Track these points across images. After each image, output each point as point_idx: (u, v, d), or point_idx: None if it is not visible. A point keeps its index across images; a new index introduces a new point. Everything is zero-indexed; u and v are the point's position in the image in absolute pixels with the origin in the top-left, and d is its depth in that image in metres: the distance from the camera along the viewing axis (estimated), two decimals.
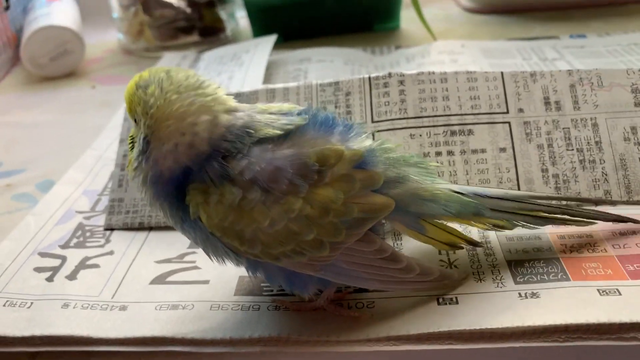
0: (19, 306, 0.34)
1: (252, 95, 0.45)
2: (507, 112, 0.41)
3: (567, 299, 0.31)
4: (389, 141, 0.33)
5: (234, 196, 0.28)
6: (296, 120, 0.30)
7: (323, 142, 0.30)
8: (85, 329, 0.32)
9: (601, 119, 0.40)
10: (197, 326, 0.32)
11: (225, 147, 0.29)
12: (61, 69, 0.75)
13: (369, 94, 0.42)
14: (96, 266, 0.38)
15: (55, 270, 0.37)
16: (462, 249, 0.35)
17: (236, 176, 0.29)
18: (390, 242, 0.37)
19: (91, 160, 0.51)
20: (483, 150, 0.40)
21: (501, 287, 0.32)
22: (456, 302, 0.32)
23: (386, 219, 0.32)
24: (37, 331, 0.32)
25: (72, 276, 0.37)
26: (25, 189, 0.49)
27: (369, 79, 0.43)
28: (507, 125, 0.41)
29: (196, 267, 0.37)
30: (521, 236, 0.36)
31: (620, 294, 0.31)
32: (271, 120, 0.30)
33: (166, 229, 0.41)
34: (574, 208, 0.35)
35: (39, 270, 0.37)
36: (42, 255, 0.39)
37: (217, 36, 0.82)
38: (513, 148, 0.40)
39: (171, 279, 0.36)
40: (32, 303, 0.34)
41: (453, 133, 0.40)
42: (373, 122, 0.41)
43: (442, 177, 0.39)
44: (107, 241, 0.40)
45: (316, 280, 0.31)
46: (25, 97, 0.71)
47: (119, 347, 0.31)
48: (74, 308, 0.34)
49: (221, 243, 0.30)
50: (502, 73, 0.42)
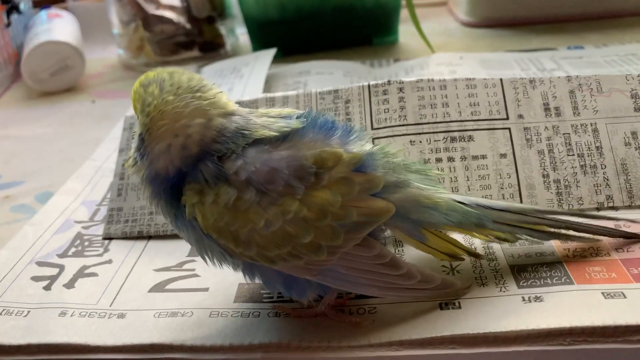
0: (15, 315, 0.34)
1: (252, 104, 0.45)
2: (507, 118, 0.41)
3: (571, 303, 0.30)
4: (389, 146, 0.33)
5: (228, 196, 0.28)
6: (294, 123, 0.30)
7: (322, 145, 0.30)
8: (83, 336, 0.32)
9: (601, 124, 0.40)
10: (197, 333, 0.31)
11: (216, 149, 0.29)
12: (61, 84, 0.76)
13: (368, 101, 0.42)
14: (94, 275, 0.37)
15: (53, 279, 0.37)
16: (462, 260, 0.34)
17: (231, 176, 0.28)
18: (390, 249, 0.37)
19: (90, 170, 0.51)
20: (484, 156, 0.40)
21: (504, 292, 0.32)
22: (459, 307, 0.31)
23: (386, 225, 0.31)
24: (33, 339, 0.32)
25: (69, 285, 0.36)
26: (23, 201, 0.49)
27: (368, 86, 0.43)
28: (507, 131, 0.40)
29: (195, 275, 0.37)
30: (523, 242, 0.36)
31: (625, 297, 0.30)
32: (268, 123, 0.30)
33: (165, 237, 0.41)
34: (579, 224, 0.34)
35: (36, 279, 0.37)
36: (40, 264, 0.38)
37: (217, 51, 0.83)
38: (514, 154, 0.40)
39: (170, 286, 0.36)
40: (28, 312, 0.34)
41: (453, 139, 0.40)
42: (373, 129, 0.41)
43: (443, 183, 0.39)
44: (106, 250, 0.40)
45: (315, 286, 0.31)
46: (25, 111, 0.71)
47: (117, 354, 0.31)
48: (71, 316, 0.33)
49: (217, 245, 0.30)
50: (501, 80, 0.42)
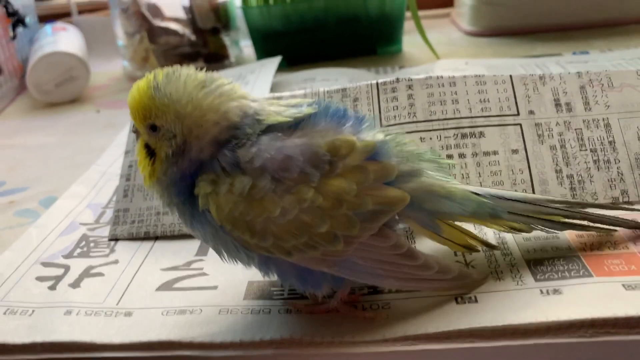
0: (20, 314, 0.33)
1: None
2: (517, 114, 0.40)
3: (591, 295, 0.30)
4: (402, 135, 0.32)
5: (243, 185, 0.28)
6: (305, 110, 0.30)
7: (334, 133, 0.29)
8: (88, 334, 0.31)
9: (614, 119, 0.40)
10: (206, 330, 0.31)
11: (236, 135, 0.29)
12: (66, 95, 0.76)
13: (377, 99, 0.42)
14: (100, 274, 0.36)
15: (58, 279, 0.36)
16: (478, 251, 0.34)
17: (245, 164, 0.28)
18: None
19: (95, 175, 0.51)
20: (495, 152, 0.39)
21: (521, 285, 0.31)
22: (475, 301, 0.30)
23: (400, 215, 0.31)
24: (38, 338, 0.31)
25: (75, 284, 0.36)
26: (28, 205, 0.49)
27: (377, 84, 0.42)
28: (518, 127, 0.40)
29: (204, 274, 0.36)
30: (538, 236, 0.35)
31: None
32: (281, 110, 0.30)
33: (172, 238, 0.40)
34: (595, 215, 0.33)
35: (41, 279, 0.36)
36: (45, 264, 0.38)
37: (222, 62, 0.83)
38: (525, 149, 0.39)
39: (178, 285, 0.35)
40: (33, 311, 0.33)
41: (464, 136, 0.40)
42: (382, 126, 0.41)
43: (455, 178, 0.38)
44: (112, 251, 0.39)
45: (330, 279, 0.30)
46: (30, 121, 0.71)
47: (124, 352, 0.30)
48: (77, 315, 0.33)
49: (231, 238, 0.29)
50: (510, 76, 0.41)
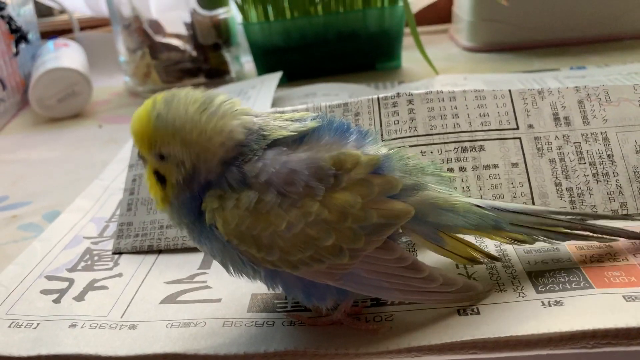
0: (24, 327, 0.33)
1: None
2: (517, 128, 0.41)
3: (592, 306, 0.30)
4: (405, 149, 0.33)
5: (249, 199, 0.28)
6: (309, 124, 0.30)
7: (338, 147, 0.30)
8: (93, 347, 0.31)
9: (612, 133, 0.40)
10: (210, 342, 0.31)
11: (242, 151, 0.29)
12: (68, 111, 0.76)
13: (378, 113, 0.42)
14: (104, 288, 0.37)
15: (63, 292, 0.36)
16: (481, 263, 0.34)
17: (252, 179, 0.28)
18: None
19: (99, 189, 0.51)
20: (495, 166, 0.40)
21: (523, 297, 0.31)
22: (478, 313, 0.31)
23: (403, 229, 0.31)
24: (43, 351, 0.31)
25: (79, 297, 0.36)
26: (31, 220, 0.49)
27: (378, 99, 0.43)
28: (517, 140, 0.41)
29: (207, 287, 0.36)
30: (539, 248, 0.35)
31: None
32: (285, 124, 0.30)
33: (175, 251, 0.41)
34: (595, 225, 0.34)
35: (45, 292, 0.36)
36: (49, 278, 0.38)
37: (223, 78, 0.84)
38: (525, 163, 0.40)
39: (182, 298, 0.35)
40: (38, 324, 0.33)
41: (464, 149, 0.40)
42: (383, 140, 0.41)
43: (456, 191, 0.39)
44: (116, 264, 0.39)
45: (334, 291, 0.30)
46: (32, 136, 0.71)
47: None
48: (81, 328, 0.33)
49: (238, 252, 0.29)
50: (509, 91, 0.42)
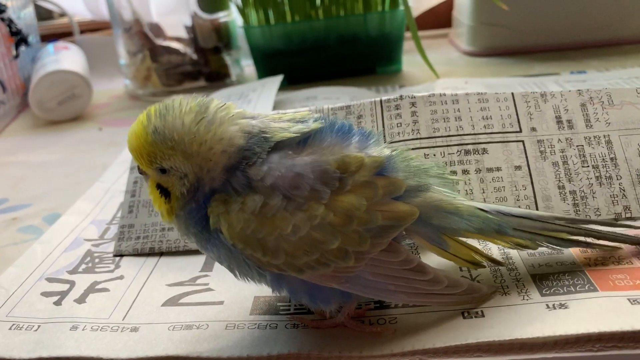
0: (25, 329, 0.33)
1: None
2: (520, 131, 0.41)
3: (598, 309, 0.30)
4: (408, 150, 0.33)
5: (255, 203, 0.28)
6: (312, 125, 0.30)
7: (341, 148, 0.30)
8: (95, 350, 0.31)
9: (614, 136, 0.40)
10: (213, 345, 0.31)
11: (245, 155, 0.29)
12: (68, 113, 0.76)
13: (380, 116, 0.42)
14: (106, 290, 0.36)
15: (64, 294, 0.36)
16: (484, 267, 0.34)
17: (257, 183, 0.28)
18: None
19: (99, 192, 0.51)
20: (498, 169, 0.40)
21: (527, 300, 0.31)
22: (482, 315, 0.30)
23: (407, 231, 0.31)
24: (44, 353, 0.31)
25: (80, 300, 0.35)
26: (31, 222, 0.49)
27: (381, 101, 0.43)
28: (520, 143, 0.40)
29: (209, 289, 0.36)
30: (543, 251, 0.35)
31: None
32: (286, 126, 0.30)
33: (177, 254, 0.40)
34: (599, 231, 0.33)
35: (46, 294, 0.36)
36: (50, 280, 0.38)
37: (223, 81, 0.84)
38: (528, 166, 0.40)
39: (184, 300, 0.35)
40: (39, 326, 0.33)
41: (467, 152, 0.40)
42: (386, 143, 0.41)
43: (459, 193, 0.38)
44: (117, 266, 0.39)
45: (339, 295, 0.30)
46: (32, 139, 0.71)
47: None
48: (83, 330, 0.32)
49: (243, 256, 0.29)
50: (512, 94, 0.42)
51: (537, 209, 0.39)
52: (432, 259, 0.34)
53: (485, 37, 0.84)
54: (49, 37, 1.00)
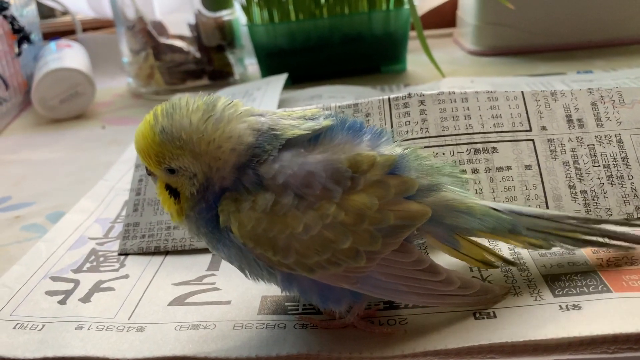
0: (29, 328, 0.32)
1: None
2: (530, 130, 0.40)
3: (612, 310, 0.29)
4: (420, 149, 0.32)
5: (266, 201, 0.27)
6: (323, 122, 0.30)
7: (353, 147, 0.29)
8: (101, 349, 0.30)
9: (626, 136, 0.40)
10: (221, 345, 0.30)
11: (256, 153, 0.28)
12: (71, 111, 0.76)
13: (389, 114, 0.42)
14: (111, 289, 0.36)
15: (68, 293, 0.36)
16: (496, 267, 0.33)
17: (268, 181, 0.28)
18: None
19: (103, 190, 0.50)
20: (508, 168, 0.39)
21: (540, 301, 0.31)
22: (494, 316, 0.30)
23: (419, 230, 0.30)
24: (49, 353, 0.30)
25: (85, 299, 0.35)
26: (34, 220, 0.48)
27: (389, 99, 0.42)
28: (530, 142, 0.40)
29: (216, 289, 0.35)
30: (554, 252, 0.35)
31: None
32: (297, 123, 0.30)
33: (183, 252, 0.40)
34: (614, 232, 0.33)
35: (50, 293, 0.36)
36: (54, 279, 0.37)
37: (226, 80, 0.83)
38: (538, 165, 0.39)
39: (190, 300, 0.34)
40: (43, 325, 0.33)
41: (477, 151, 0.40)
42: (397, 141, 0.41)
43: (470, 192, 0.38)
44: (122, 265, 0.39)
45: (349, 295, 0.29)
46: (35, 137, 0.71)
47: None
48: (88, 329, 0.32)
49: (253, 256, 0.29)
50: (522, 92, 0.42)
51: (547, 209, 0.38)
52: (442, 259, 0.33)
53: (490, 36, 0.84)
54: (51, 35, 1.00)
